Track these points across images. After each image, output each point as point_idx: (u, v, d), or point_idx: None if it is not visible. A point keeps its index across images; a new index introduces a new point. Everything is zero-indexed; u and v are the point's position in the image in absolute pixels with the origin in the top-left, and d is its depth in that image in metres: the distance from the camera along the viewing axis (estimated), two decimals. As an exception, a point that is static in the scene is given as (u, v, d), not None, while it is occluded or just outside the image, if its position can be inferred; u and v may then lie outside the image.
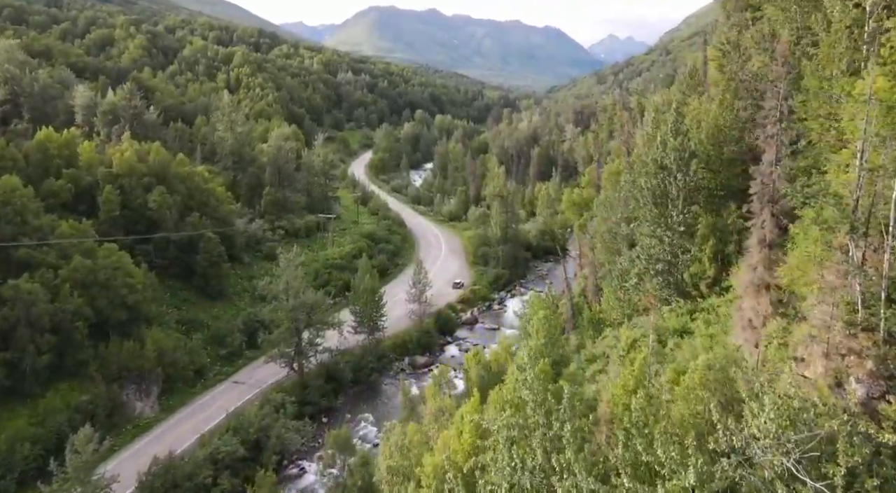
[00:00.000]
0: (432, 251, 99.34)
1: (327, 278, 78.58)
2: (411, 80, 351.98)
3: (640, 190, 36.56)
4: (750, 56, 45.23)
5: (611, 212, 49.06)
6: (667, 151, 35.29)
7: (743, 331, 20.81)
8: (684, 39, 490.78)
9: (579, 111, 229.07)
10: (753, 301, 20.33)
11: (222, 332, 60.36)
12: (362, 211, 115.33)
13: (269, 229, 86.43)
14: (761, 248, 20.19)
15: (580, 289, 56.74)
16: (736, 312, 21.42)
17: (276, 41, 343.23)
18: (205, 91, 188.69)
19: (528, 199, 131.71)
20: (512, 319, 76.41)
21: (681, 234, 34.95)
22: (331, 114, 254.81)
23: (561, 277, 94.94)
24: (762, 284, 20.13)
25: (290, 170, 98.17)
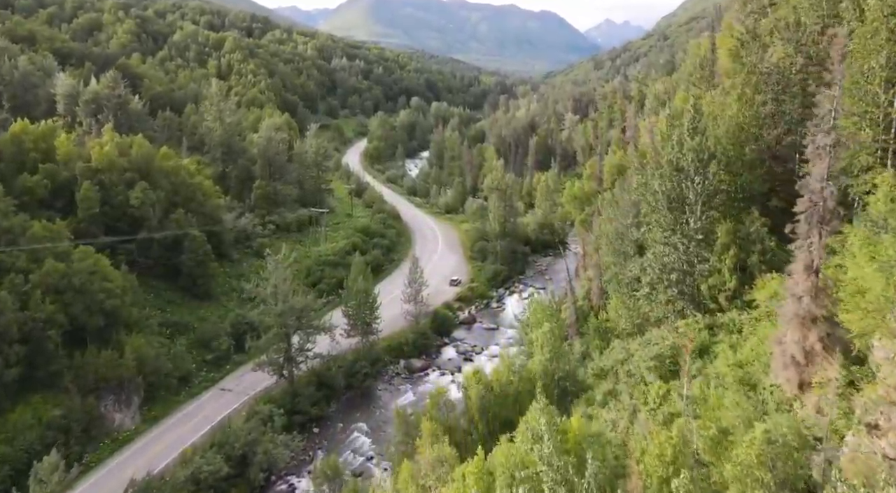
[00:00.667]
0: (428, 246, 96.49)
1: (320, 276, 75.78)
2: (407, 67, 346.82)
3: (654, 193, 33.76)
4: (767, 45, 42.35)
5: (618, 212, 46.29)
6: (683, 151, 32.45)
7: (785, 369, 18.17)
8: (682, 24, 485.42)
9: (577, 98, 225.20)
10: (798, 335, 17.65)
11: (209, 335, 57.58)
12: (356, 203, 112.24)
13: (259, 224, 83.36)
14: (808, 275, 17.45)
15: (584, 291, 54.13)
16: (776, 345, 18.75)
17: (268, 26, 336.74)
18: (195, 78, 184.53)
19: (526, 190, 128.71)
20: (511, 318, 73.87)
21: (698, 242, 32.24)
22: (325, 101, 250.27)
23: (560, 271, 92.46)
24: (809, 316, 17.43)
25: (281, 161, 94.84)
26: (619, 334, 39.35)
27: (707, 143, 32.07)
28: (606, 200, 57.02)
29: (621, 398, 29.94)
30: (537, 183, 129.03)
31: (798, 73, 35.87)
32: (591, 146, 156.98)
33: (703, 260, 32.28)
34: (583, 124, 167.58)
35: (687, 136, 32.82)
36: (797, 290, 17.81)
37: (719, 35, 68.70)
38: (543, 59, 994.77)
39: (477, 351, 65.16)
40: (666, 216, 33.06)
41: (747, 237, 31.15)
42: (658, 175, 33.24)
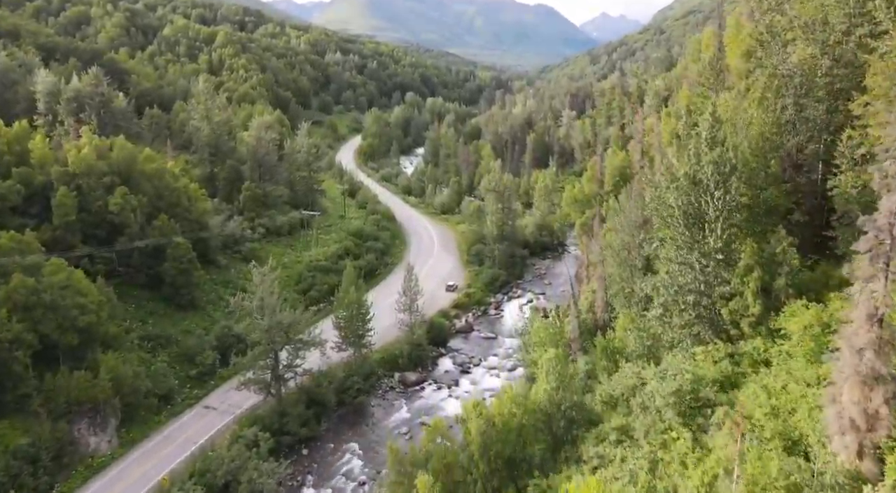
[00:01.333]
0: (424, 249, 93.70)
1: (311, 283, 72.93)
2: (401, 61, 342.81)
3: (669, 208, 31.01)
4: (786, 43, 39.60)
5: (624, 223, 43.58)
6: (702, 164, 29.70)
7: (842, 435, 15.54)
8: (678, 18, 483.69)
9: (574, 94, 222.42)
10: (858, 395, 15.00)
11: (193, 349, 54.72)
12: (349, 204, 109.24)
13: (248, 228, 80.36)
14: (871, 325, 14.79)
15: (587, 303, 51.45)
16: (830, 405, 16.09)
17: (261, 20, 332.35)
18: (185, 73, 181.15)
19: (523, 189, 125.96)
20: (510, 326, 71.32)
21: (717, 262, 29.54)
22: (318, 97, 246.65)
23: (560, 275, 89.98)
24: (873, 374, 14.78)
25: (271, 162, 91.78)
26: (628, 356, 36.67)
27: (728, 154, 29.33)
28: (611, 208, 54.34)
29: (636, 436, 27.32)
30: (535, 182, 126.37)
31: (824, 75, 33.12)
32: (589, 143, 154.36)
33: (724, 282, 29.61)
34: (581, 121, 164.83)
35: (705, 146, 30.08)
36: (857, 342, 15.16)
37: (727, 32, 65.93)
38: (539, 53, 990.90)
39: (475, 363, 62.51)
40: (682, 233, 30.34)
41: (772, 258, 28.48)
42: (674, 189, 30.50)
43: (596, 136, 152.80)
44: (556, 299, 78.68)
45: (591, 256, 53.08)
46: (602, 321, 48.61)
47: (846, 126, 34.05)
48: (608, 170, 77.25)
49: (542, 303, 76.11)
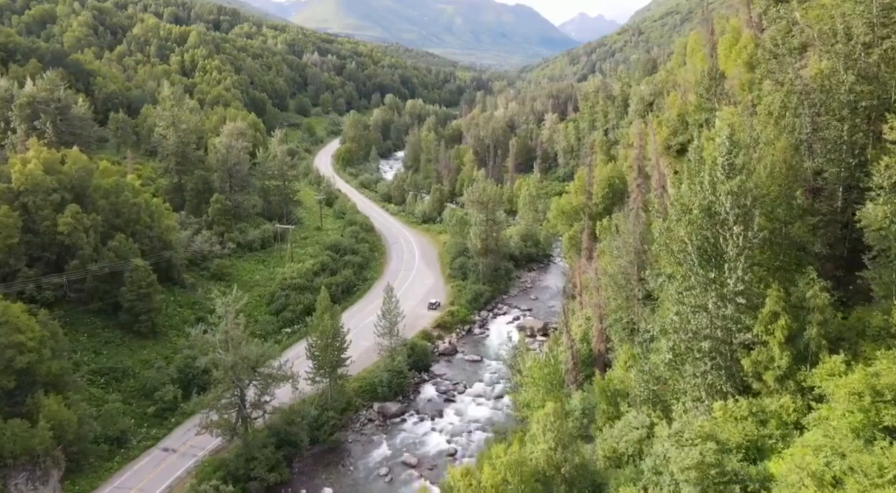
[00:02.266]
0: (405, 262, 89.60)
1: (284, 302, 68.46)
2: (381, 62, 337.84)
3: (680, 243, 27.42)
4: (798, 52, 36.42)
5: (621, 249, 40.06)
6: (718, 195, 26.15)
7: None
8: (656, 19, 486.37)
9: (555, 95, 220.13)
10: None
11: (152, 383, 50.08)
12: (326, 213, 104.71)
13: (217, 243, 75.56)
14: None
15: (581, 331, 47.83)
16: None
17: (237, 19, 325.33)
18: (156, 74, 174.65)
19: (507, 196, 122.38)
20: (495, 347, 67.62)
21: (738, 306, 26.03)
22: (295, 98, 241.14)
23: (547, 289, 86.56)
24: None
25: (242, 172, 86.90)
26: (631, 401, 33.11)
27: (748, 184, 25.82)
28: (604, 228, 50.87)
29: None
30: (518, 189, 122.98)
31: (847, 92, 29.81)
32: (572, 148, 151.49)
33: (745, 328, 26.11)
34: (564, 125, 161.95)
35: (721, 173, 26.54)
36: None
37: (721, 38, 62.97)
38: (518, 52, 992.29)
39: (459, 390, 58.61)
40: (696, 273, 26.79)
41: (801, 304, 25.04)
42: (685, 222, 26.95)
43: (580, 140, 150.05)
44: (543, 315, 75.24)
45: (582, 277, 49.49)
46: (598, 351, 45.07)
47: (869, 147, 31.03)
48: (597, 181, 73.95)
49: (528, 321, 72.59)
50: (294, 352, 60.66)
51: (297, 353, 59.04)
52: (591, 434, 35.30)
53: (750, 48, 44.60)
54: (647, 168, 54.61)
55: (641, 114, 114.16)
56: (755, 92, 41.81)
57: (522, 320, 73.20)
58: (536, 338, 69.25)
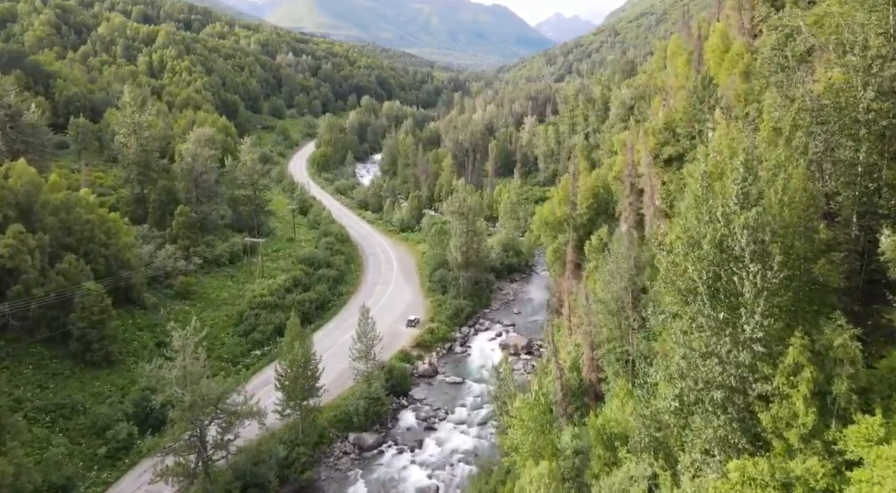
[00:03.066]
0: (382, 275, 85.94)
1: (254, 323, 64.39)
2: (357, 62, 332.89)
3: (688, 282, 24.39)
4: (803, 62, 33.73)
5: (615, 273, 37.05)
6: (732, 229, 23.17)
7: None
8: (631, 20, 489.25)
9: (534, 97, 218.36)
10: None
11: (104, 419, 45.83)
12: (300, 223, 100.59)
13: (182, 258, 71.16)
14: None
15: (571, 359, 44.77)
16: None
17: (208, 18, 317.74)
18: (122, 75, 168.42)
19: (487, 202, 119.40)
20: (477, 367, 64.47)
21: (755, 353, 23.08)
22: (269, 100, 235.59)
23: (529, 301, 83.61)
24: None
25: (210, 181, 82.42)
26: (631, 448, 30.06)
27: (766, 216, 22.89)
28: (593, 247, 47.92)
29: None
30: (499, 195, 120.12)
31: (866, 110, 27.08)
32: (552, 152, 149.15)
33: (764, 379, 23.18)
34: (543, 127, 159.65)
35: (735, 205, 23.57)
36: None
37: (708, 43, 60.55)
38: (495, 52, 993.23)
39: (440, 416, 55.22)
40: (708, 316, 23.81)
41: (827, 353, 22.20)
42: (694, 258, 23.97)
43: (560, 144, 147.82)
44: (526, 331, 72.29)
45: (571, 299, 46.43)
46: (590, 381, 42.06)
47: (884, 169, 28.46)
48: (581, 191, 71.16)
49: (511, 337, 69.53)
50: (264, 376, 56.82)
51: (267, 378, 55.23)
52: (586, 481, 32.20)
53: (746, 58, 41.96)
54: (636, 181, 51.80)
55: (623, 118, 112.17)
56: (754, 104, 39.14)
57: (505, 337, 70.11)
58: (520, 356, 66.30)
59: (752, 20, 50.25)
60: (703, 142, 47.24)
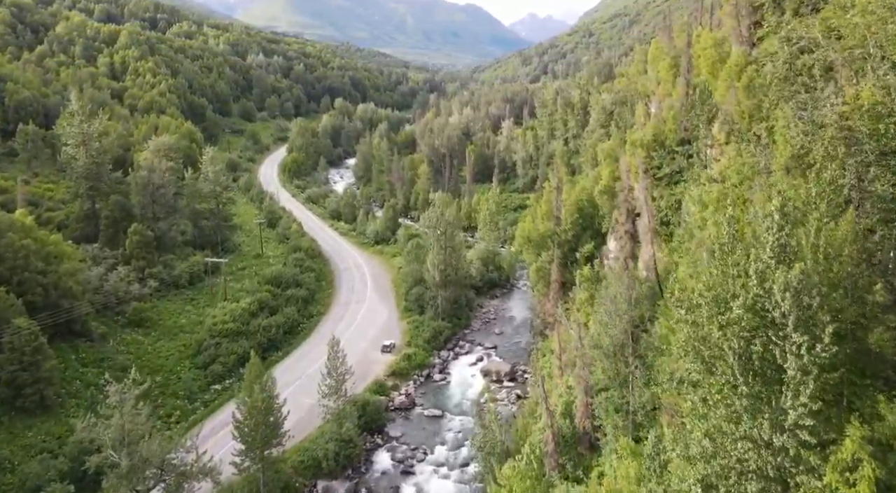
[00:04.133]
0: (355, 293, 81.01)
1: (214, 353, 59.06)
2: (330, 63, 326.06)
3: (717, 350, 20.27)
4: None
5: (614, 315, 32.92)
6: (768, 289, 19.10)
7: None
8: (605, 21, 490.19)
9: (510, 99, 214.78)
10: None
11: (34, 478, 40.26)
12: (269, 237, 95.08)
13: (136, 281, 65.47)
14: None
15: (563, 403, 40.48)
16: None
17: (175, 17, 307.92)
18: (81, 78, 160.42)
19: (465, 210, 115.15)
20: (458, 396, 60.14)
21: (800, 440, 19.04)
22: (239, 103, 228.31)
23: (511, 320, 79.44)
24: None
25: (168, 196, 76.61)
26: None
27: (813, 277, 18.83)
28: (585, 277, 43.80)
29: None
30: (477, 204, 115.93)
31: (903, 138, 23.35)
32: (531, 157, 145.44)
33: (810, 470, 19.18)
34: (521, 132, 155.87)
35: (770, 259, 19.50)
36: None
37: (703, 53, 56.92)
38: (469, 52, 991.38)
39: (418, 457, 50.64)
40: (740, 394, 19.74)
41: (889, 442, 18.29)
42: (723, 322, 19.88)
43: (538, 149, 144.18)
44: (509, 354, 68.12)
45: (559, 332, 42.24)
46: (583, 428, 37.91)
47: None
48: (565, 205, 67.25)
49: (494, 363, 65.25)
50: (224, 415, 51.59)
51: (226, 417, 49.85)
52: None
53: (750, 71, 38.21)
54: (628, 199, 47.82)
55: (603, 124, 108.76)
56: (762, 123, 35.34)
57: (487, 362, 65.82)
58: (503, 383, 62.11)
59: (749, 28, 46.66)
60: (702, 160, 43.50)
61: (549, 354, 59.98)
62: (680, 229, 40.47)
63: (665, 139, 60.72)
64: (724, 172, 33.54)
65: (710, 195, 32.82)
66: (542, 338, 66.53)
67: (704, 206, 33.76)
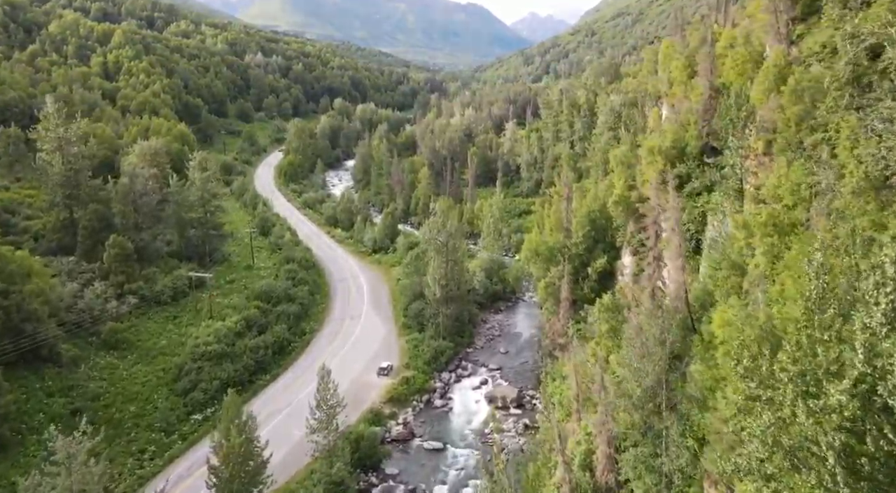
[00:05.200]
0: (352, 306, 76.26)
1: (195, 379, 54.25)
2: (330, 63, 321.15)
3: (801, 440, 15.52)
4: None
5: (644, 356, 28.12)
6: (882, 367, 14.31)
7: None
8: (608, 20, 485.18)
9: (513, 99, 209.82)
10: None
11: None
12: (261, 246, 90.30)
13: (114, 297, 60.77)
14: None
15: (581, 451, 35.61)
16: None
17: (173, 16, 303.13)
18: (72, 78, 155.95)
19: (467, 216, 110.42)
20: (461, 425, 55.41)
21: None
22: (236, 103, 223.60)
23: (517, 336, 74.41)
24: None
25: (151, 204, 71.84)
26: None
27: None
28: (604, 307, 38.96)
29: None
30: (480, 210, 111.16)
31: None
32: (535, 160, 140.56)
33: None
34: (525, 133, 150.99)
35: (882, 324, 14.68)
36: None
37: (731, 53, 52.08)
38: (471, 51, 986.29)
39: (418, 499, 45.95)
40: None
41: None
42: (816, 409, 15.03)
43: (543, 152, 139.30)
44: (515, 376, 63.30)
45: (576, 372, 37.29)
46: (605, 483, 33.08)
47: None
48: (577, 216, 62.48)
49: (500, 388, 60.34)
50: (204, 449, 46.74)
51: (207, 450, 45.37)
52: None
53: (798, 73, 33.38)
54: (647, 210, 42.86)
55: (612, 126, 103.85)
56: (816, 134, 30.51)
57: (492, 387, 60.99)
58: (510, 411, 57.28)
59: (787, 24, 41.80)
60: (736, 173, 38.62)
61: (560, 379, 55.32)
62: (713, 252, 35.61)
63: (686, 146, 55.97)
64: (773, 190, 28.68)
65: (757, 219, 28.00)
66: (552, 360, 61.77)
67: (750, 232, 28.96)
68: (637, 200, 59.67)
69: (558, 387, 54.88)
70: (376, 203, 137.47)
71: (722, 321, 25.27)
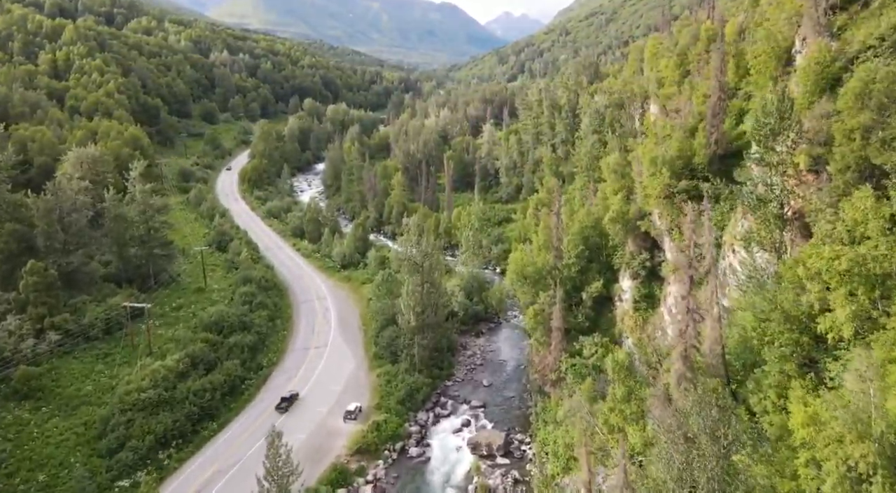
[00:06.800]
0: (317, 334, 67.99)
1: (124, 435, 45.57)
2: (300, 61, 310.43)
3: None
4: None
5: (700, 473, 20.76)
6: None
7: None
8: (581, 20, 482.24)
9: (489, 99, 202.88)
10: None
11: None
12: (217, 263, 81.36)
13: (31, 335, 51.74)
14: None
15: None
16: None
17: (134, 12, 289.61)
18: (16, 76, 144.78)
19: (444, 225, 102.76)
20: (441, 479, 47.64)
21: None
22: (200, 103, 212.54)
23: (501, 364, 66.92)
24: None
25: (81, 222, 62.65)
26: None
27: None
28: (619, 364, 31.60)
29: None
30: (457, 219, 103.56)
31: None
32: (515, 164, 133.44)
33: None
34: (504, 136, 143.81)
35: None
36: None
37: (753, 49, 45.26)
38: (445, 50, 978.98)
39: None
40: None
41: None
42: None
43: (523, 156, 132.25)
44: (501, 415, 55.76)
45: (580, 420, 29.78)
46: None
47: None
48: (568, 235, 55.27)
49: (484, 433, 52.64)
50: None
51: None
52: None
53: (862, 74, 26.41)
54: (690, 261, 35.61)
55: (596, 129, 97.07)
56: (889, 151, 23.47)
57: (475, 431, 53.30)
58: (496, 459, 49.71)
59: (826, 13, 34.94)
60: (778, 195, 31.48)
61: (553, 424, 48.02)
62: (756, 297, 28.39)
63: (693, 155, 49.10)
64: (854, 225, 21.56)
65: (837, 266, 20.78)
66: (542, 397, 54.46)
67: (824, 281, 21.78)
68: (637, 216, 52.77)
69: (551, 434, 47.57)
70: (347, 211, 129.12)
71: (807, 419, 18.01)
